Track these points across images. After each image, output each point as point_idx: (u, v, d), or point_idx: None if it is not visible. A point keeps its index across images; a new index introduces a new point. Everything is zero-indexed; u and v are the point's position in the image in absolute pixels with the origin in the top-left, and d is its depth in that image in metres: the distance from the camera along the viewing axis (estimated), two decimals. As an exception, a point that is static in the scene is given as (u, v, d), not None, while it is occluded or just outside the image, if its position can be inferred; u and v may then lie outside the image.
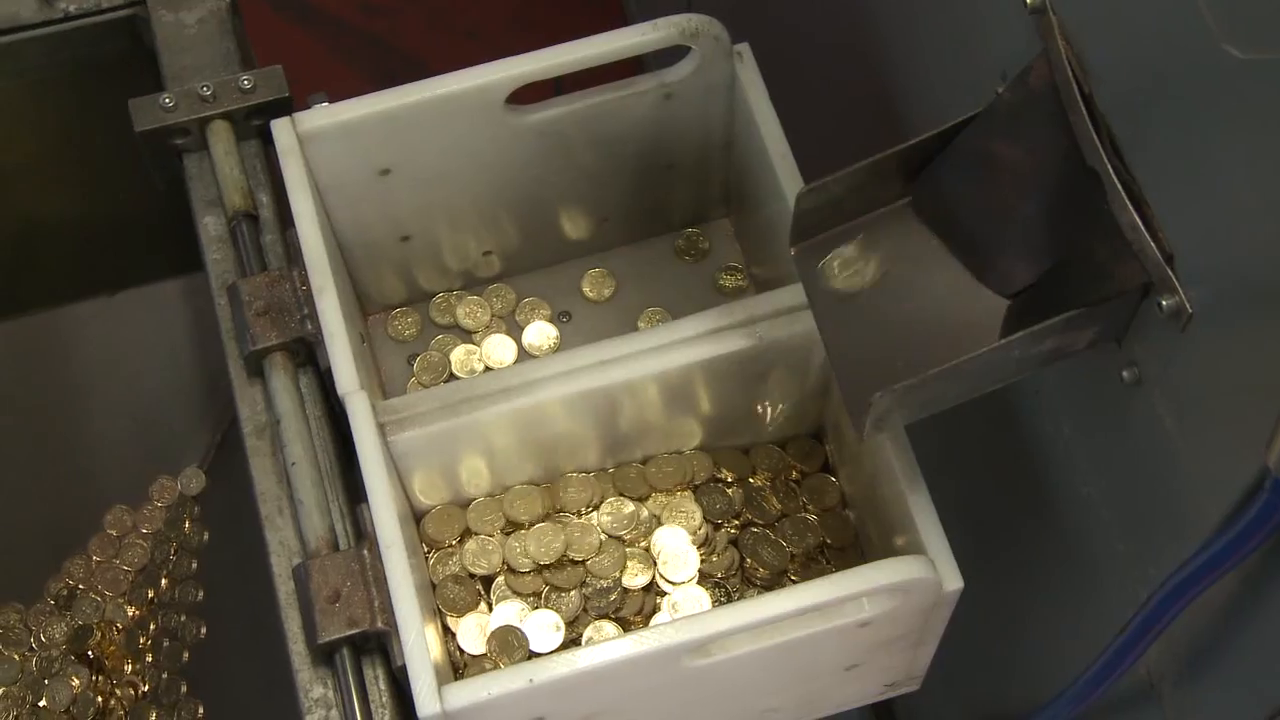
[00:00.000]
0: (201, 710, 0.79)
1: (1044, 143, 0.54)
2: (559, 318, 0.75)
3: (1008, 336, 0.53)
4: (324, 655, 0.61)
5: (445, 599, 0.66)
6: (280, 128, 0.65)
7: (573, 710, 0.59)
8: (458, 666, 0.65)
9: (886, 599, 0.58)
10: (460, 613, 0.66)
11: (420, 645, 0.57)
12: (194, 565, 0.82)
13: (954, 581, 0.58)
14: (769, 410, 0.68)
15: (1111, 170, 0.50)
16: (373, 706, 0.60)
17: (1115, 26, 0.50)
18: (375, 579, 0.60)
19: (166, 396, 0.86)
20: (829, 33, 0.78)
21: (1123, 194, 0.50)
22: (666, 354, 0.64)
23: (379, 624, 0.59)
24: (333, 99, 0.66)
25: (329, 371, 0.64)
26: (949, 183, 0.58)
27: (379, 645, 0.61)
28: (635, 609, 0.66)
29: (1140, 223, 0.49)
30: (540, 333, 0.74)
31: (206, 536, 0.83)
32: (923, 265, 0.59)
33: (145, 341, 0.87)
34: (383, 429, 0.62)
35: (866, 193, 0.59)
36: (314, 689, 0.61)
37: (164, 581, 0.82)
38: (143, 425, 0.86)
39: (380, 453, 0.60)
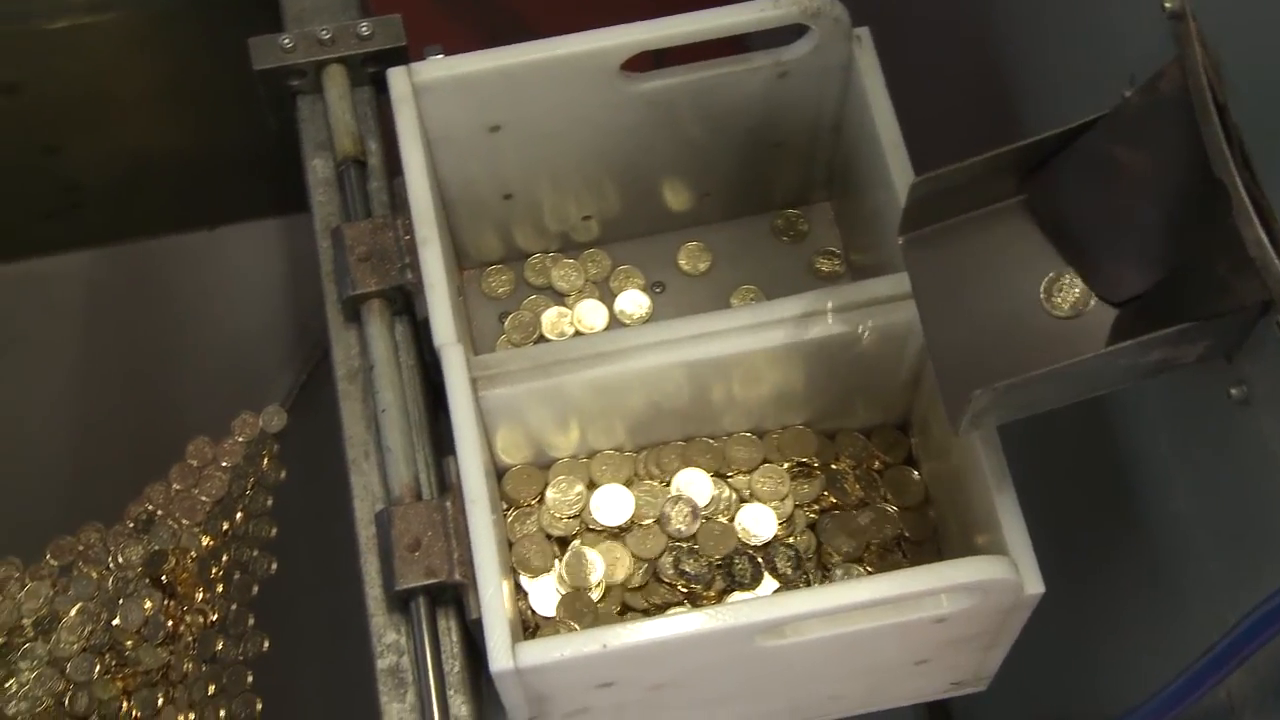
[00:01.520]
0: (267, 644, 0.80)
1: (1170, 150, 0.53)
2: (652, 288, 0.75)
3: (1115, 344, 0.53)
4: (400, 602, 0.61)
5: (521, 558, 0.66)
6: (396, 77, 0.65)
7: (641, 679, 0.60)
8: (528, 626, 0.66)
9: (965, 597, 0.58)
10: (534, 573, 0.66)
11: (497, 600, 0.57)
12: (269, 502, 0.83)
13: (1035, 586, 0.58)
14: (857, 398, 0.68)
15: (1240, 183, 0.49)
16: (444, 657, 0.61)
17: (1257, 37, 0.49)
18: (456, 531, 0.60)
19: (255, 334, 0.87)
20: (951, 23, 0.77)
21: (1250, 208, 0.49)
22: (761, 333, 0.63)
23: (456, 576, 0.60)
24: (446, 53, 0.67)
25: (424, 322, 0.64)
26: (1065, 184, 0.57)
27: (454, 597, 0.61)
28: (705, 585, 0.66)
29: (1266, 239, 0.48)
30: (633, 301, 0.74)
31: (284, 475, 0.84)
32: (1029, 265, 0.58)
33: (239, 278, 0.88)
34: (475, 383, 0.62)
35: (979, 188, 0.58)
36: (387, 634, 0.62)
37: (239, 515, 0.83)
38: (230, 360, 0.87)
39: (471, 407, 0.61)
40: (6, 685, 0.75)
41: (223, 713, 0.77)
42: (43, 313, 0.85)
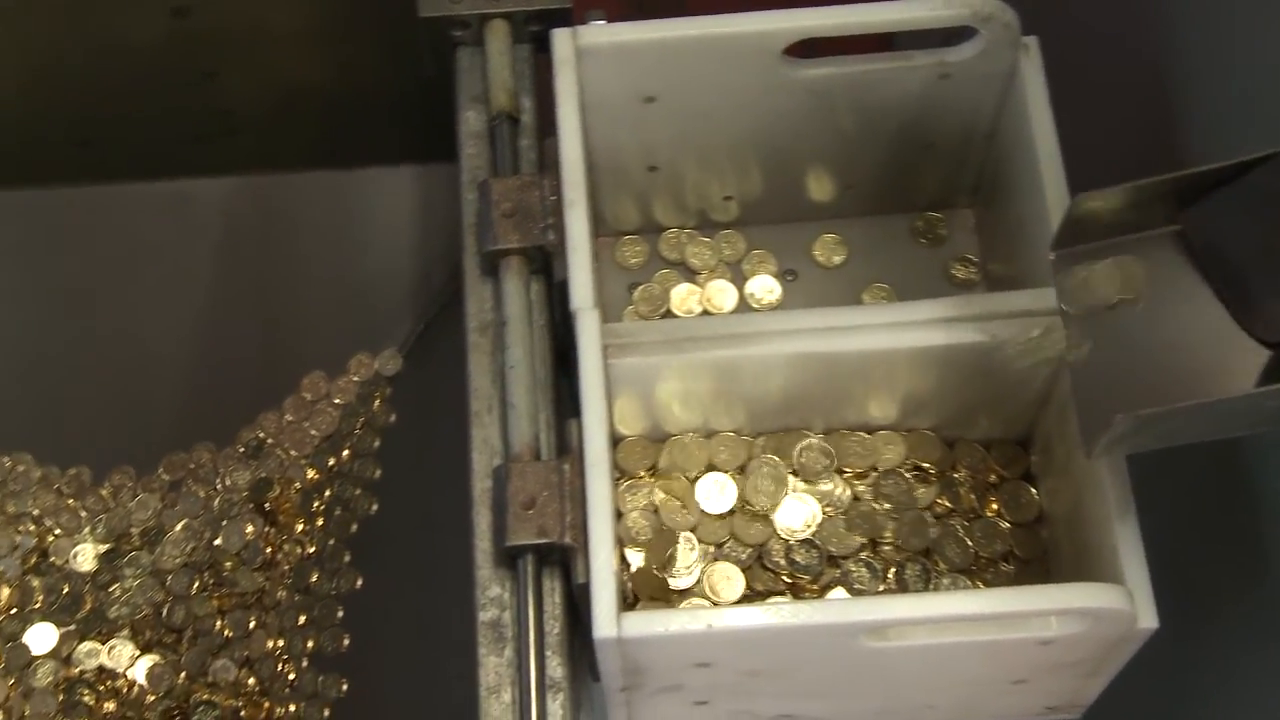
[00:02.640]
0: (360, 583, 0.81)
1: (1347, 196, 0.52)
2: (784, 275, 0.74)
3: (1267, 385, 0.52)
4: (507, 558, 0.62)
5: (627, 530, 0.67)
6: (561, 38, 0.65)
7: (739, 663, 0.60)
8: (626, 598, 0.66)
9: (1076, 622, 0.57)
10: (640, 546, 0.66)
11: (608, 567, 0.57)
12: (376, 444, 0.84)
13: (1149, 620, 0.57)
14: (981, 408, 0.67)
15: None
16: (545, 617, 0.61)
17: None
18: (571, 494, 0.61)
19: (380, 278, 0.88)
20: (1123, 39, 0.76)
21: None
22: (897, 333, 0.63)
23: (567, 539, 0.60)
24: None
25: (560, 285, 0.64)
26: (1228, 219, 0.56)
27: (561, 560, 0.62)
28: (814, 578, 0.66)
29: None
30: (763, 286, 0.74)
31: (393, 418, 0.85)
32: (1179, 297, 0.57)
33: (371, 221, 0.89)
34: (605, 350, 0.62)
35: (1136, 212, 0.57)
36: (491, 588, 0.62)
37: (346, 452, 0.84)
38: (353, 301, 0.88)
39: (601, 373, 0.61)
40: (111, 589, 0.77)
41: (310, 643, 0.78)
42: (181, 233, 0.87)
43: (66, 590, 0.76)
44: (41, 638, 0.75)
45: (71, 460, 0.79)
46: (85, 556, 0.77)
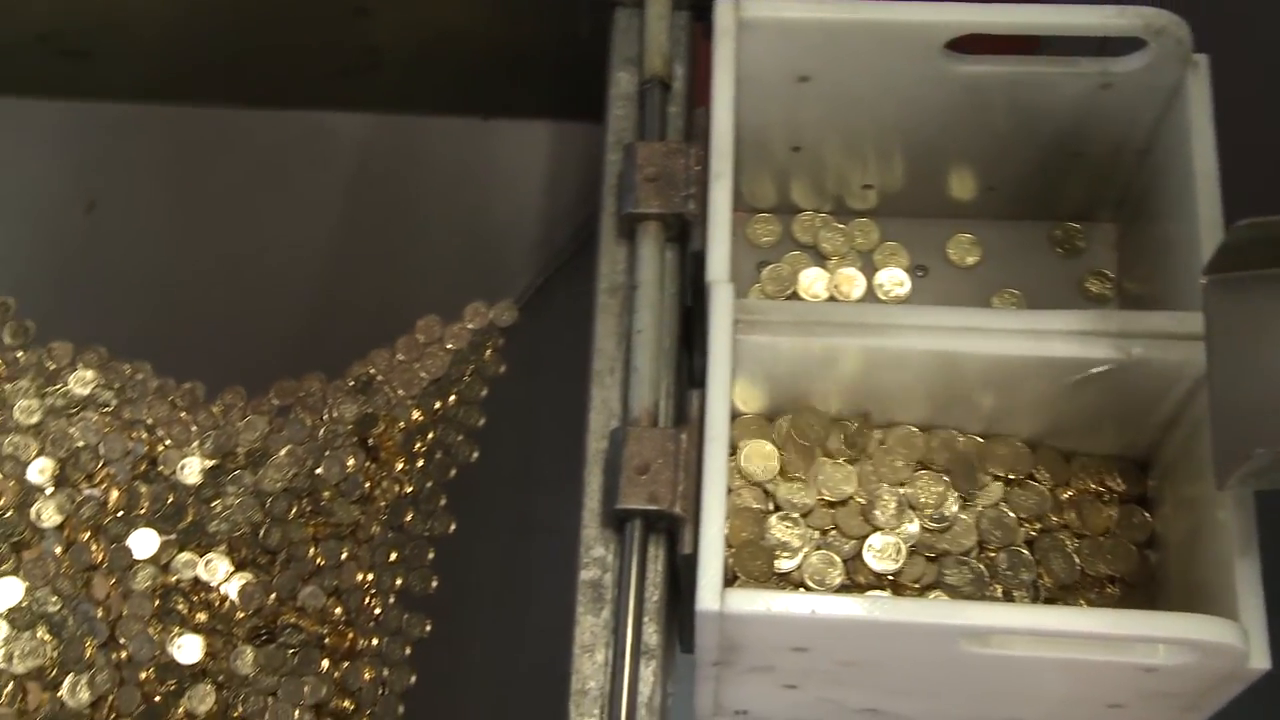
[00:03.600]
0: (453, 528, 0.81)
1: None
2: (915, 270, 0.74)
3: None
4: (615, 520, 0.62)
5: (733, 505, 0.66)
6: (724, 8, 0.65)
7: (835, 652, 0.59)
8: (725, 575, 0.66)
9: (1185, 653, 0.56)
10: (742, 523, 0.66)
11: (717, 540, 0.57)
12: (483, 392, 0.85)
13: (1261, 660, 0.56)
14: (1103, 425, 0.66)
15: None
16: (647, 583, 0.61)
17: None
18: (685, 464, 0.61)
19: (504, 229, 0.89)
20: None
21: None
22: (1031, 341, 0.62)
23: (677, 508, 0.60)
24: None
25: (694, 255, 0.64)
26: (1391, 259, 0.55)
27: (667, 528, 0.62)
28: (915, 576, 0.65)
29: None
30: (892, 279, 0.73)
31: (503, 369, 0.85)
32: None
33: (501, 172, 0.89)
34: (735, 325, 0.62)
35: (1296, 243, 0.56)
36: (596, 548, 0.62)
37: (452, 398, 0.84)
38: (475, 249, 0.88)
39: (729, 347, 0.61)
40: (213, 504, 0.78)
41: (399, 581, 0.79)
42: (316, 164, 0.88)
43: (171, 500, 0.78)
44: (144, 543, 0.76)
45: (187, 374, 0.81)
46: (192, 469, 0.79)
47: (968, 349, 0.63)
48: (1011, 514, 0.66)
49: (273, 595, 0.77)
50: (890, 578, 0.65)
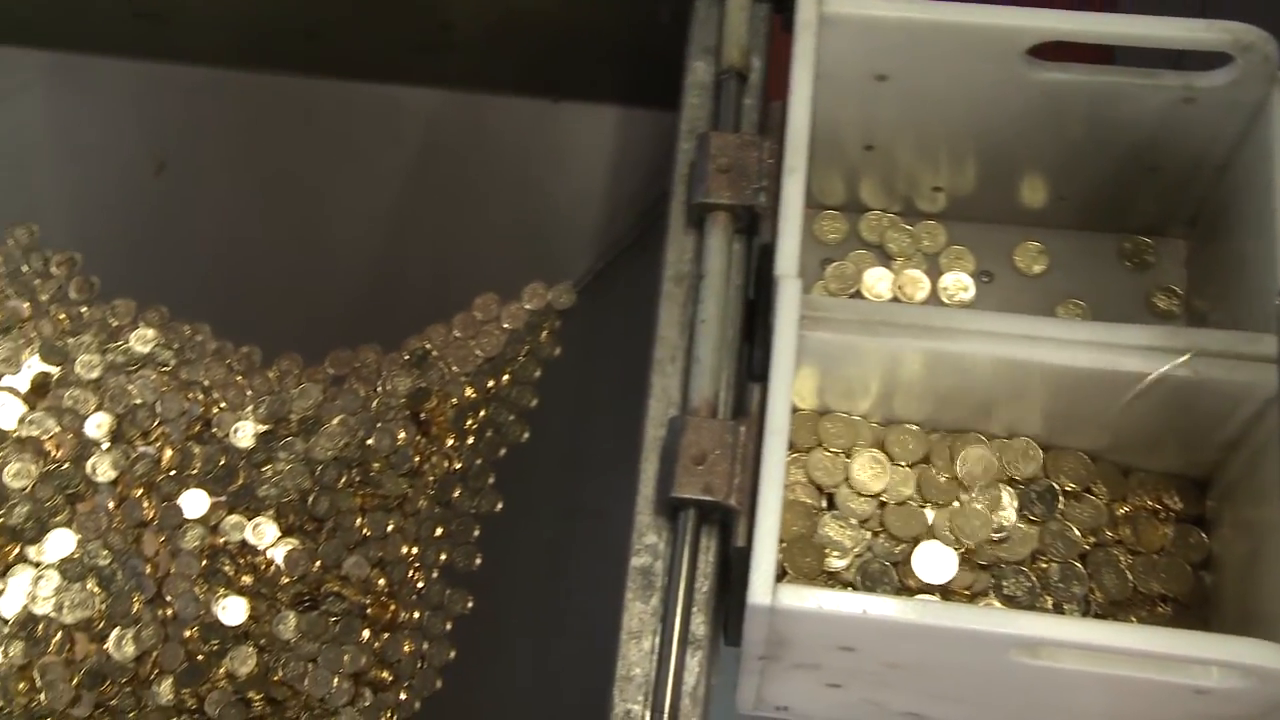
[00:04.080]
0: (500, 506, 0.81)
1: None
2: (980, 275, 0.73)
3: None
4: (669, 508, 0.62)
5: (785, 500, 0.66)
6: (807, 2, 0.65)
7: (882, 653, 0.59)
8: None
9: (1238, 676, 0.56)
10: (795, 519, 0.66)
11: (771, 534, 0.57)
12: (537, 373, 0.85)
13: (1317, 688, 0.55)
14: (1165, 443, 0.66)
15: None
16: (697, 573, 0.61)
17: None
18: (742, 457, 0.60)
19: (567, 212, 0.89)
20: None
21: None
22: (1097, 353, 0.62)
23: (732, 500, 0.60)
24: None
25: (763, 248, 0.64)
26: None
27: (720, 520, 0.62)
28: (966, 584, 0.65)
29: None
30: (957, 283, 0.73)
31: (558, 351, 0.85)
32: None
33: (567, 155, 0.89)
34: (800, 321, 0.62)
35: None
36: (648, 535, 0.62)
37: (506, 377, 0.85)
38: (537, 230, 0.88)
39: (794, 342, 0.61)
40: (264, 469, 0.78)
41: (444, 556, 0.79)
42: (385, 137, 0.88)
43: (223, 463, 0.78)
44: (195, 503, 0.77)
45: (245, 338, 0.81)
46: (245, 433, 0.79)
47: (1031, 357, 0.62)
48: (1075, 528, 0.66)
49: (318, 563, 0.77)
50: (940, 584, 0.65)
